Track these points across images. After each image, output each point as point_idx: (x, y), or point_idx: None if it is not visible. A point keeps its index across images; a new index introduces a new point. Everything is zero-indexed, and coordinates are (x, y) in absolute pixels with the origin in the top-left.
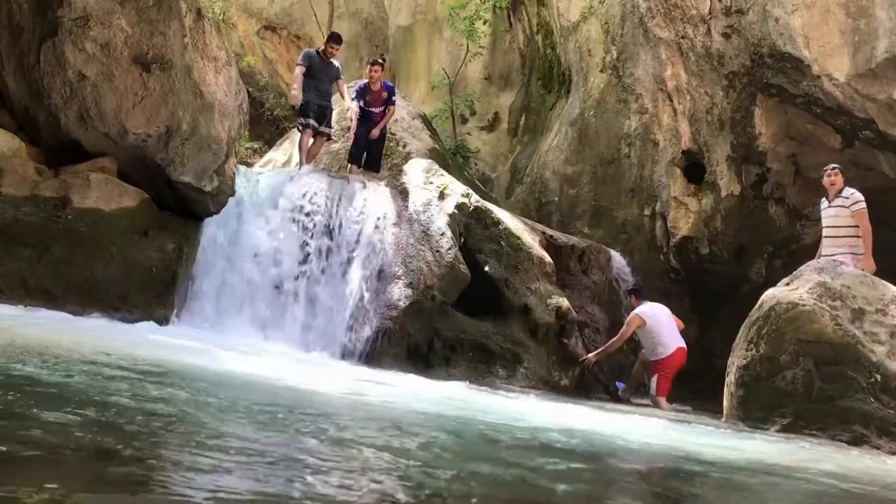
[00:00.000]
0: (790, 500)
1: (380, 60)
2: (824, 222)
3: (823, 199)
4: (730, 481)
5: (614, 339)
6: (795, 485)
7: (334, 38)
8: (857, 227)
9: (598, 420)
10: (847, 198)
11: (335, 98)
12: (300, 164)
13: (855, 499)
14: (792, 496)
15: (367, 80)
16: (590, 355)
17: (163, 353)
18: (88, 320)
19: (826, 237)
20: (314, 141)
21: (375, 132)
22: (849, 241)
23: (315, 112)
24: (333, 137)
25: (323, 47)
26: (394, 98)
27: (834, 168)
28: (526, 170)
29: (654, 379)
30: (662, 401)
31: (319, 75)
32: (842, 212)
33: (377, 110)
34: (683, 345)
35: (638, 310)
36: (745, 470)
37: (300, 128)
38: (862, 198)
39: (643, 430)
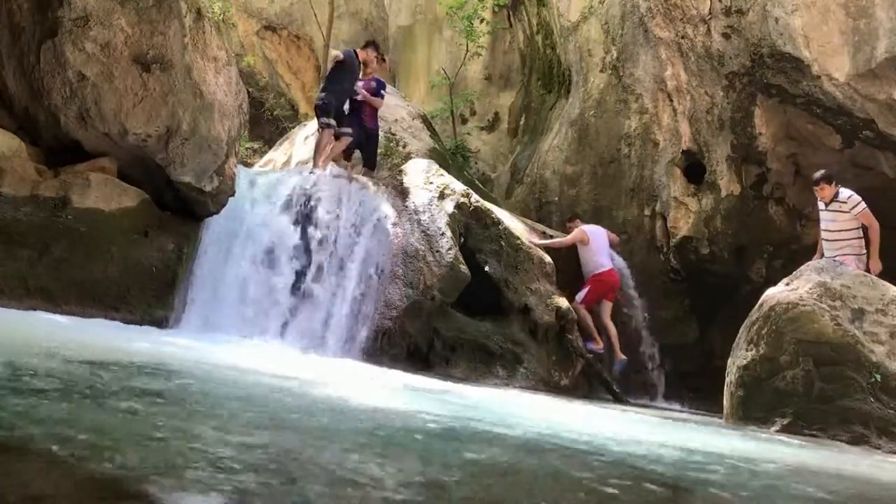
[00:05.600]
0: (790, 501)
1: (383, 55)
2: (822, 226)
3: (819, 202)
4: (730, 482)
5: (557, 240)
6: (795, 485)
7: (377, 49)
8: (856, 228)
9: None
10: (844, 202)
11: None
12: (315, 164)
13: (854, 499)
14: (791, 496)
15: (364, 61)
16: (536, 241)
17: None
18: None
19: (824, 240)
20: (336, 142)
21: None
22: (850, 242)
23: (334, 114)
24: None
25: (360, 52)
26: (382, 91)
27: (818, 182)
28: (526, 170)
29: (585, 290)
30: (583, 310)
31: (350, 79)
32: (839, 216)
33: (359, 96)
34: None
35: (584, 226)
36: (745, 469)
37: (322, 126)
38: (860, 198)
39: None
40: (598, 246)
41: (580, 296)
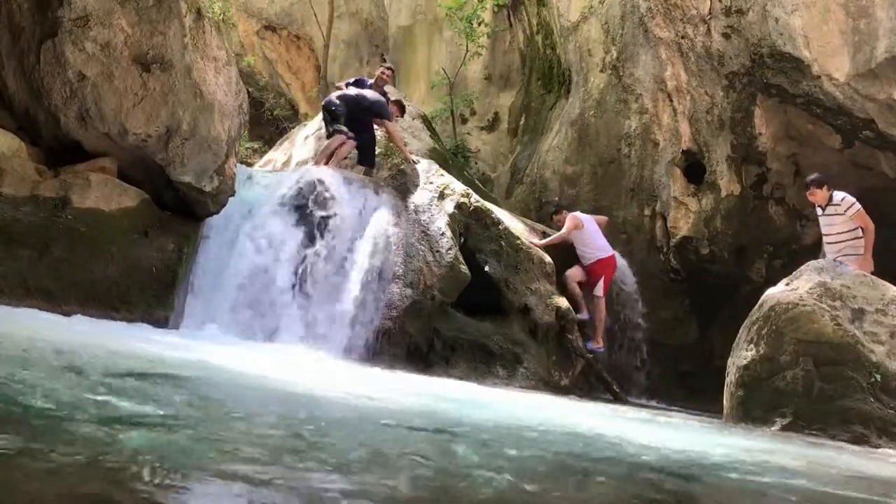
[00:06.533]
0: (789, 500)
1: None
2: (822, 230)
3: (816, 207)
4: (731, 481)
5: (555, 235)
6: (795, 485)
7: (402, 110)
8: (854, 229)
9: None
10: (839, 204)
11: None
12: (316, 162)
13: (853, 499)
14: (791, 496)
15: (373, 80)
16: (535, 241)
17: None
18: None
19: (826, 244)
20: (345, 143)
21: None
22: (849, 243)
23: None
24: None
25: (391, 104)
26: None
27: (809, 186)
28: (526, 170)
29: (601, 281)
30: (602, 304)
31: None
32: (835, 220)
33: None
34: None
35: (574, 213)
36: (745, 470)
37: (334, 132)
38: (854, 199)
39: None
40: (593, 229)
41: (599, 288)
